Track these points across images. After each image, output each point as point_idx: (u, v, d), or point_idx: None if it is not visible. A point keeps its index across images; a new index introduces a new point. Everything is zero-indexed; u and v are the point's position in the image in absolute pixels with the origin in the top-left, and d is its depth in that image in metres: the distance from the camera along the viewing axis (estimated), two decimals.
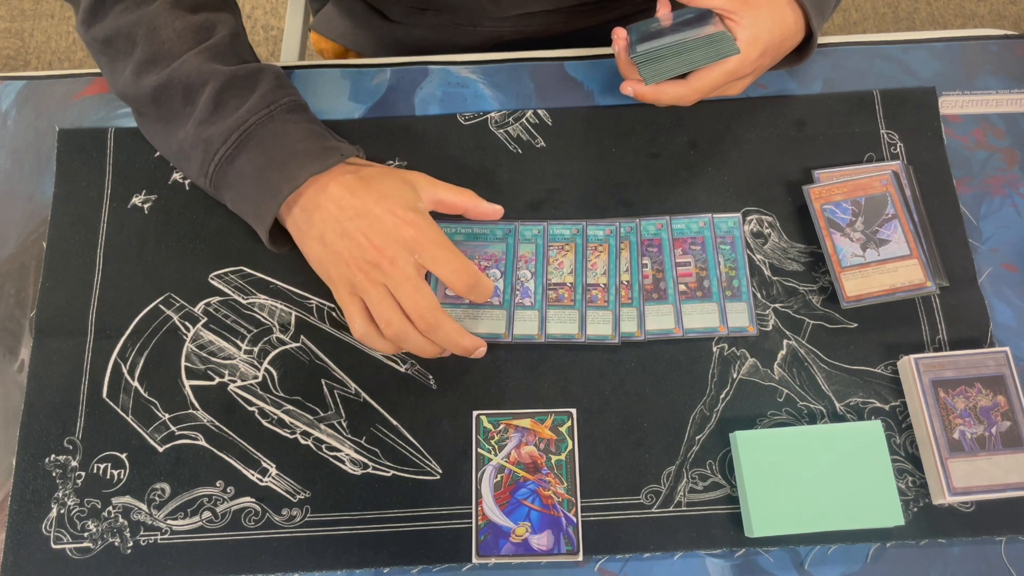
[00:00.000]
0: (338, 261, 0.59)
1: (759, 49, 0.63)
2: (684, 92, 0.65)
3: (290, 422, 0.61)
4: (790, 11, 0.64)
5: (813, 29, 0.65)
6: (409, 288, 0.57)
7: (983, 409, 0.58)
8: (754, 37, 0.63)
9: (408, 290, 0.57)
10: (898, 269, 0.63)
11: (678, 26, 0.65)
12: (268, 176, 0.59)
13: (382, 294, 0.58)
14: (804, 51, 0.67)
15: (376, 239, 0.58)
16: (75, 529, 0.58)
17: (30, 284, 0.66)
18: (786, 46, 0.66)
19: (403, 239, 0.58)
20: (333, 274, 0.59)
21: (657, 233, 0.66)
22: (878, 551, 0.57)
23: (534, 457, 0.59)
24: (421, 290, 0.57)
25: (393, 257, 0.57)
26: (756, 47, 0.63)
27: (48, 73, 0.73)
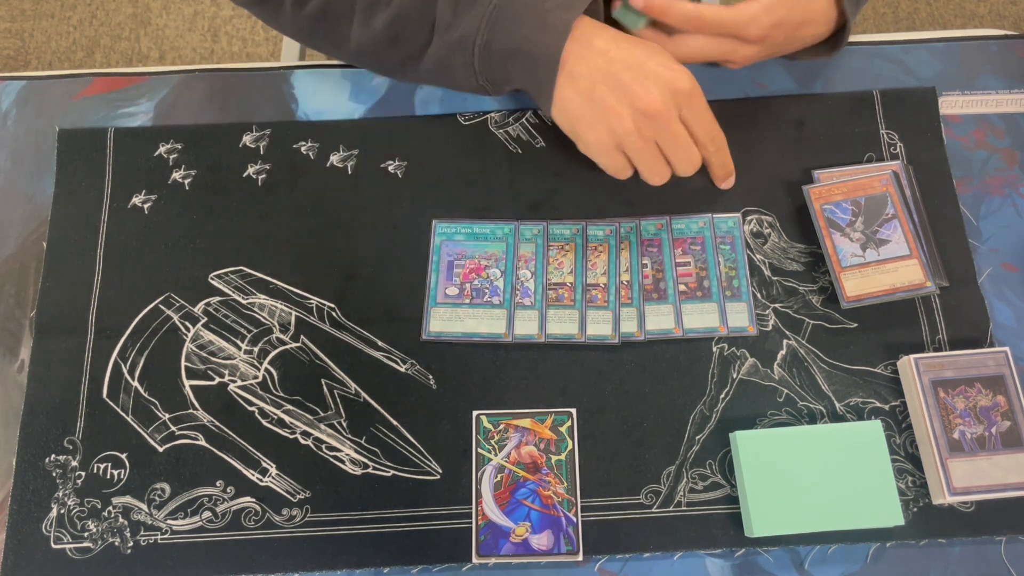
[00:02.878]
0: (608, 115, 0.58)
1: (773, 18, 0.61)
2: (693, 14, 0.62)
3: (290, 422, 0.61)
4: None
5: (847, 14, 0.64)
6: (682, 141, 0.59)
7: (983, 409, 0.58)
8: (772, 5, 0.61)
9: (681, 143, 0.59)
10: (898, 269, 0.63)
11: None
12: (534, 40, 0.58)
13: (653, 152, 0.59)
14: (836, 42, 0.66)
15: (654, 91, 0.57)
16: (75, 529, 0.58)
17: (30, 284, 0.66)
18: (805, 31, 0.64)
19: (678, 91, 0.58)
20: (600, 129, 0.59)
21: (657, 233, 0.66)
22: (878, 551, 0.57)
23: (534, 457, 0.59)
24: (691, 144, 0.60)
25: (669, 110, 0.58)
26: (771, 15, 0.61)
27: (48, 73, 0.73)
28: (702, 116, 0.60)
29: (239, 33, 1.73)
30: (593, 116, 0.59)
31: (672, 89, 0.58)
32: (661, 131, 0.59)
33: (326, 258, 0.66)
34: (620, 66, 0.58)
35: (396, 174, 0.69)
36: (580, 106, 0.59)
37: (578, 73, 0.59)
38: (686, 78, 0.58)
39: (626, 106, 0.58)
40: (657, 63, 0.58)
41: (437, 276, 0.65)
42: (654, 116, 0.58)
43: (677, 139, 0.59)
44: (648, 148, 0.59)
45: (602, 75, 0.58)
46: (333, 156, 0.69)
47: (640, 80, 0.58)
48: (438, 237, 0.66)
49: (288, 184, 0.68)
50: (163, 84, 0.72)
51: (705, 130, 0.61)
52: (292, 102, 0.72)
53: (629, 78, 0.58)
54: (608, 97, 0.58)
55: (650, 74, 0.58)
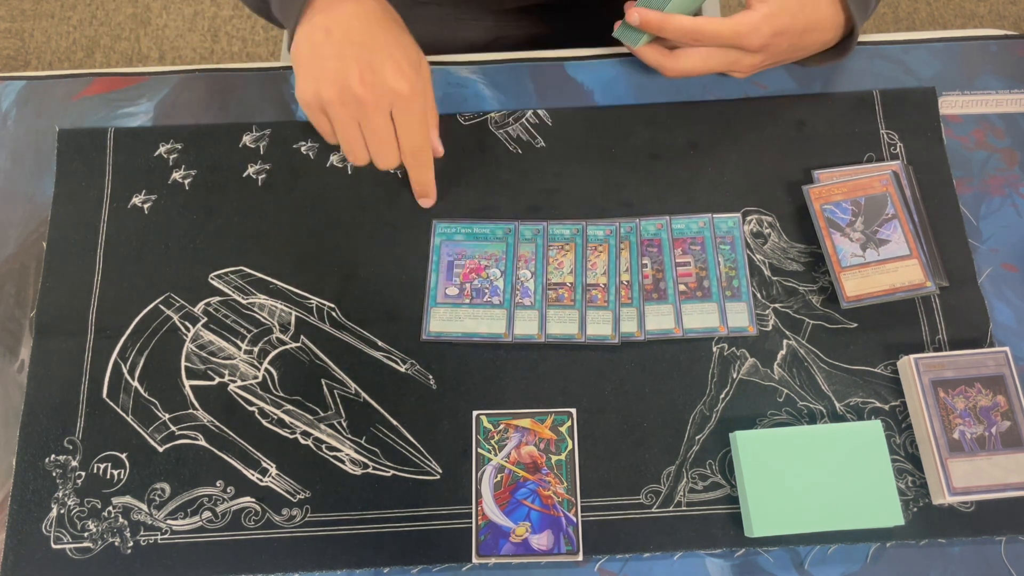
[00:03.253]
0: (322, 75, 0.59)
1: (775, 26, 0.61)
2: (690, 27, 0.61)
3: (290, 422, 0.61)
4: (827, 2, 0.62)
5: (855, 20, 0.63)
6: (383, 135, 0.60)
7: (983, 409, 0.58)
8: (772, 14, 0.61)
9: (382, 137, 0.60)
10: (898, 269, 0.63)
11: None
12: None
13: (354, 131, 0.60)
14: (844, 47, 0.66)
15: (369, 78, 0.58)
16: (75, 529, 0.58)
17: (30, 284, 0.66)
18: (811, 39, 0.64)
19: (393, 91, 0.58)
20: (309, 86, 0.59)
21: (657, 233, 0.66)
22: (878, 551, 0.57)
23: (534, 457, 0.59)
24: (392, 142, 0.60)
25: (377, 102, 0.58)
26: (772, 24, 0.61)
27: (48, 73, 0.73)
28: (409, 125, 0.60)
29: (239, 33, 1.73)
30: (309, 70, 0.59)
31: (388, 86, 0.58)
32: (365, 119, 0.59)
33: (326, 258, 0.66)
34: (356, 39, 0.59)
35: (396, 174, 0.69)
36: (305, 54, 0.60)
37: (318, 24, 0.59)
38: (406, 83, 0.58)
39: (339, 78, 0.58)
40: (389, 55, 0.59)
41: (437, 276, 0.65)
42: (360, 101, 0.58)
43: (376, 133, 0.60)
44: (348, 125, 0.60)
45: (335, 40, 0.59)
46: (333, 156, 0.69)
47: (364, 63, 0.58)
48: (438, 237, 0.66)
49: (288, 184, 0.68)
50: (163, 84, 0.72)
51: (408, 140, 0.61)
52: (292, 102, 0.72)
53: (354, 55, 0.58)
54: (329, 62, 0.59)
55: (374, 62, 0.58)
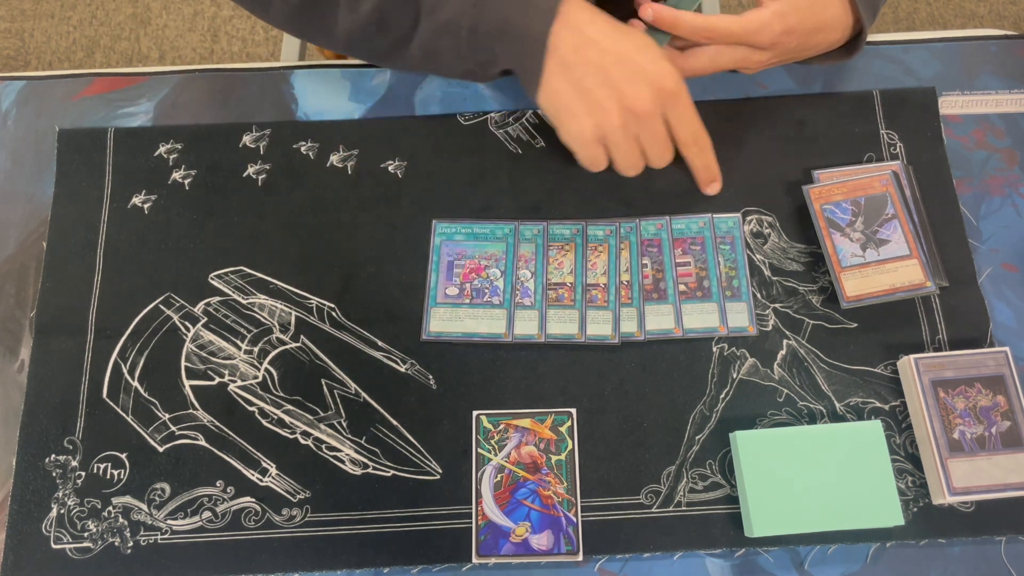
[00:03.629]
0: (596, 110, 0.59)
1: (784, 25, 0.61)
2: (703, 25, 0.61)
3: (290, 422, 0.61)
4: (836, 2, 0.62)
5: (864, 21, 0.63)
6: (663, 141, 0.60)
7: (983, 409, 0.58)
8: (784, 12, 0.61)
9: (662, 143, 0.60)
10: (898, 269, 0.63)
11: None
12: (519, 22, 0.58)
13: (634, 149, 0.60)
14: (852, 47, 0.66)
15: (643, 90, 0.58)
16: (75, 529, 0.58)
17: (30, 284, 0.66)
18: (819, 38, 0.64)
19: (665, 91, 0.58)
20: (586, 123, 0.59)
21: (657, 233, 0.66)
22: (878, 551, 0.57)
23: (534, 457, 0.59)
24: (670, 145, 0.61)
25: (654, 110, 0.58)
26: (782, 22, 0.61)
27: (48, 73, 0.73)
28: (686, 115, 0.60)
29: (239, 33, 1.73)
30: (580, 108, 0.59)
31: (660, 88, 0.58)
32: (645, 129, 0.59)
33: (326, 258, 0.66)
34: (611, 59, 0.58)
35: (396, 174, 0.69)
36: (568, 96, 0.59)
37: (569, 62, 0.58)
38: (674, 77, 0.58)
39: (615, 103, 0.58)
40: (647, 59, 0.58)
41: (437, 276, 0.65)
42: (641, 115, 0.58)
43: (658, 138, 0.60)
44: (629, 144, 0.60)
45: (593, 68, 0.58)
46: (333, 156, 0.69)
47: (630, 77, 0.58)
48: (438, 237, 0.66)
49: (288, 184, 0.68)
50: (163, 84, 0.72)
51: (689, 130, 0.61)
52: (292, 102, 0.72)
53: (619, 74, 0.58)
54: (597, 91, 0.58)
55: (639, 71, 0.58)
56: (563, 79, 0.59)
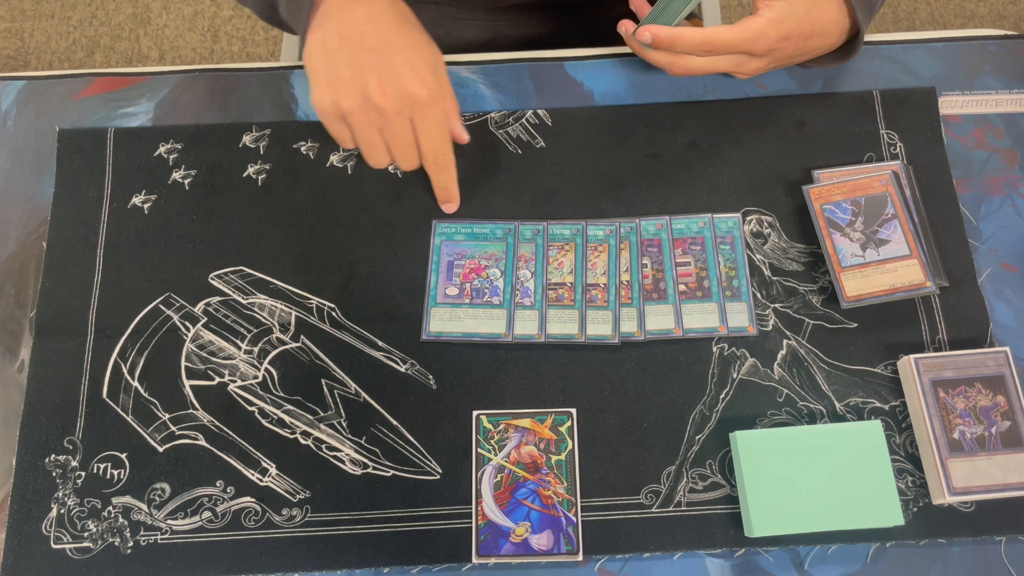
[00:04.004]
0: (339, 84, 0.59)
1: (782, 31, 0.61)
2: (702, 40, 0.61)
3: (290, 422, 0.61)
4: (833, 7, 0.62)
5: (860, 24, 0.63)
6: (404, 140, 0.60)
7: (983, 409, 0.58)
8: (779, 19, 0.61)
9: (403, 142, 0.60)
10: (898, 269, 0.63)
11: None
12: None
13: (375, 135, 0.60)
14: (849, 50, 0.66)
15: (388, 87, 0.58)
16: (75, 529, 0.58)
17: (30, 284, 0.66)
18: (816, 43, 0.64)
19: (412, 97, 0.58)
20: (326, 94, 0.59)
21: (657, 233, 0.66)
22: (878, 551, 0.57)
23: (534, 457, 0.59)
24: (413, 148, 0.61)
25: (398, 110, 0.58)
26: (779, 28, 0.61)
27: (48, 73, 0.73)
28: (429, 129, 0.60)
29: (239, 33, 1.74)
30: (326, 78, 0.59)
31: (406, 93, 0.58)
32: (386, 125, 0.59)
33: (326, 258, 0.66)
34: (370, 45, 0.58)
35: (396, 174, 0.69)
36: (320, 62, 0.59)
37: (331, 30, 0.59)
38: (426, 87, 0.58)
39: (356, 86, 0.58)
40: (405, 59, 0.58)
41: (437, 276, 0.65)
42: (380, 109, 0.58)
43: (397, 138, 0.60)
44: (368, 132, 0.60)
45: (349, 46, 0.58)
46: (333, 156, 0.69)
47: (380, 70, 0.58)
48: (438, 237, 0.66)
49: (288, 184, 0.68)
50: (163, 84, 0.72)
51: (429, 145, 0.61)
52: (292, 102, 0.72)
53: (371, 63, 0.58)
54: (344, 70, 0.58)
55: (391, 68, 0.58)
56: (319, 43, 0.59)
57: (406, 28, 0.60)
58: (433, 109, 0.59)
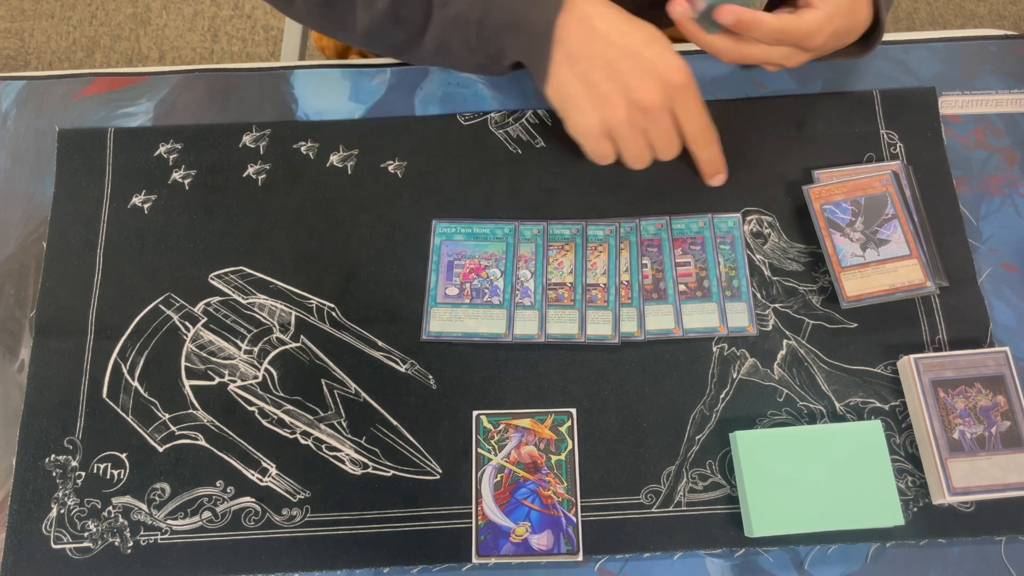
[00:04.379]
0: (603, 103, 0.59)
1: (832, 27, 0.60)
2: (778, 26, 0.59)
3: (290, 422, 0.61)
4: (864, 2, 0.62)
5: (881, 18, 0.63)
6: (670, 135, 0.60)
7: (983, 409, 0.58)
8: (832, 15, 0.60)
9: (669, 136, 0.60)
10: (898, 269, 0.63)
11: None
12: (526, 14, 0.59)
13: (641, 142, 0.60)
14: (868, 43, 0.65)
15: (650, 84, 0.58)
16: (75, 529, 0.58)
17: (30, 284, 0.66)
18: (850, 37, 0.63)
19: (672, 84, 0.58)
20: (592, 116, 0.59)
21: (657, 233, 0.66)
22: (878, 551, 0.57)
23: (534, 457, 0.59)
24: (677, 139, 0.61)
25: (663, 104, 0.58)
26: (831, 23, 0.60)
27: (48, 73, 0.73)
28: (694, 110, 0.60)
29: (239, 33, 1.74)
30: (587, 101, 0.59)
31: (668, 82, 0.58)
32: (652, 123, 0.59)
33: (326, 258, 0.66)
34: (619, 53, 0.58)
35: (396, 174, 0.69)
36: (575, 89, 0.59)
37: (576, 55, 0.59)
38: (682, 71, 0.58)
39: (621, 96, 0.58)
40: (654, 52, 0.58)
41: (437, 276, 0.65)
42: (648, 109, 0.58)
43: (665, 131, 0.60)
44: (636, 138, 0.60)
45: (600, 61, 0.58)
46: (333, 156, 0.69)
47: (637, 71, 0.58)
48: (438, 237, 0.66)
49: (288, 184, 0.68)
50: (163, 84, 0.72)
51: (696, 125, 0.61)
52: (292, 102, 0.72)
53: (627, 67, 0.58)
54: (604, 84, 0.58)
55: (647, 65, 0.58)
56: (570, 72, 0.59)
57: (634, 22, 0.60)
58: (692, 90, 0.59)
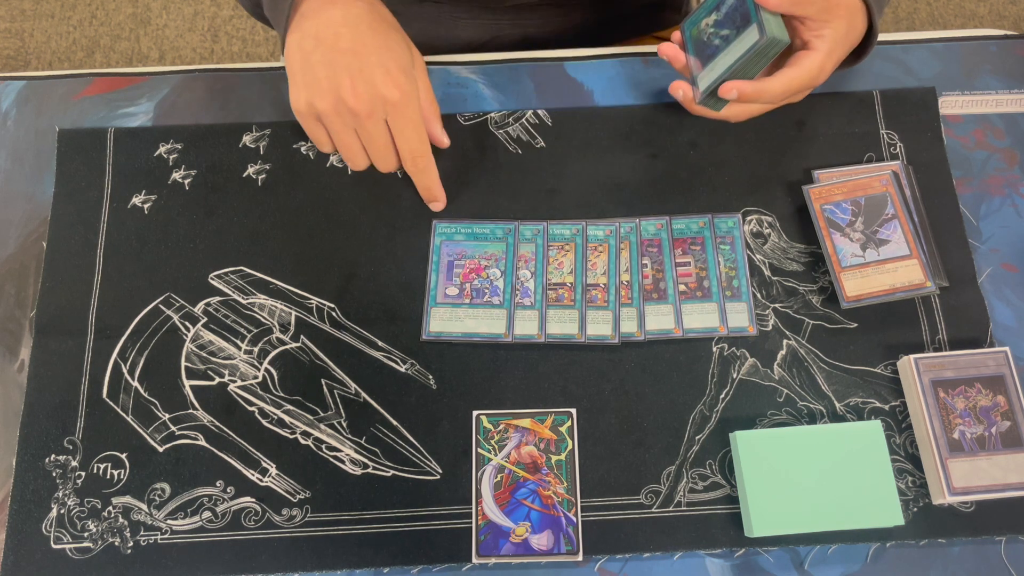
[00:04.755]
0: (314, 85, 0.59)
1: (834, 60, 0.61)
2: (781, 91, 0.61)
3: (290, 422, 0.61)
4: (860, 15, 0.62)
5: (875, 27, 0.63)
6: (380, 142, 0.60)
7: (983, 409, 0.58)
8: (829, 52, 0.61)
9: (379, 144, 0.61)
10: (898, 269, 0.63)
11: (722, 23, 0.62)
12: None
13: (351, 138, 0.61)
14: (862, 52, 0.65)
15: (360, 88, 0.58)
16: (75, 529, 0.58)
17: (30, 284, 0.66)
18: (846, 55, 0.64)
19: (384, 99, 0.59)
20: (302, 95, 0.60)
21: (657, 233, 0.66)
22: (878, 551, 0.57)
23: (534, 457, 0.59)
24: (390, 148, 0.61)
25: (371, 112, 0.59)
26: (832, 58, 0.61)
27: (48, 73, 0.73)
28: (404, 130, 0.61)
29: (239, 33, 1.74)
30: (302, 79, 0.60)
31: (378, 94, 0.58)
32: (361, 127, 0.60)
33: (326, 258, 0.66)
34: (345, 46, 0.59)
35: (396, 174, 0.69)
36: (296, 63, 0.60)
37: (308, 32, 0.60)
38: (400, 89, 0.59)
39: (331, 89, 0.59)
40: (379, 61, 0.59)
41: (437, 276, 0.65)
42: (354, 111, 0.59)
43: (373, 140, 0.61)
44: (344, 133, 0.61)
45: (325, 47, 0.59)
46: (333, 156, 0.69)
47: (354, 72, 0.58)
48: (438, 237, 0.66)
49: (288, 184, 0.68)
50: (163, 84, 0.72)
51: (406, 146, 0.62)
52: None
53: (344, 64, 0.58)
54: (319, 70, 0.59)
55: (365, 70, 0.58)
56: (297, 45, 0.60)
57: (382, 29, 0.61)
58: (407, 111, 0.60)
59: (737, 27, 0.60)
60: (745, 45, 0.59)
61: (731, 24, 0.61)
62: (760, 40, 0.58)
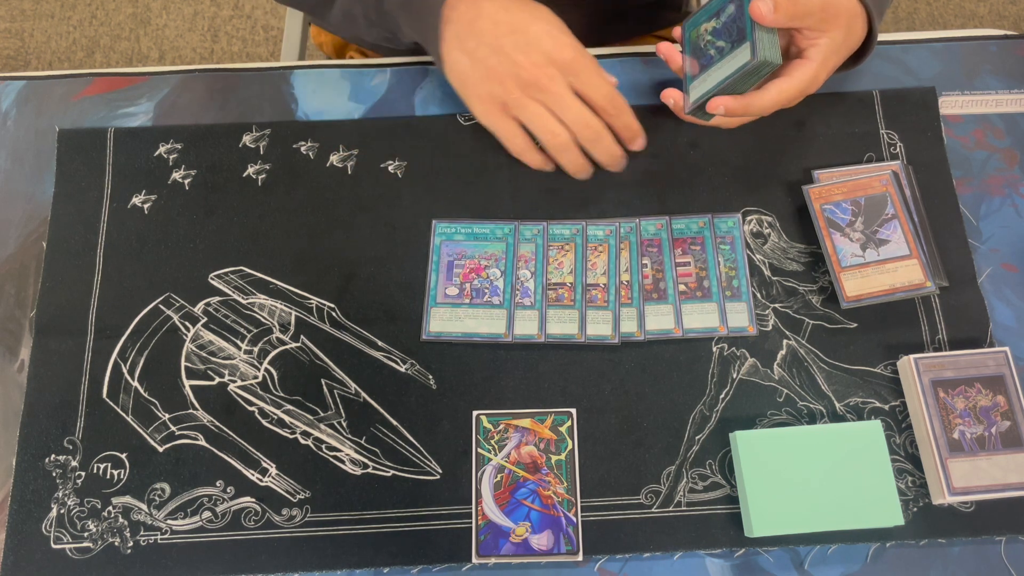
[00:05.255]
0: (489, 77, 0.59)
1: (828, 68, 0.62)
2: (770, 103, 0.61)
3: (290, 422, 0.61)
4: (860, 21, 0.62)
5: (875, 31, 0.63)
6: (571, 102, 0.60)
7: (983, 409, 0.58)
8: (826, 57, 0.61)
9: (570, 104, 0.60)
10: (898, 269, 0.63)
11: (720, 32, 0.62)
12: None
13: (541, 110, 0.60)
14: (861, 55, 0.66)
15: (536, 58, 0.58)
16: (75, 529, 0.58)
17: (30, 284, 0.66)
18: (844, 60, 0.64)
19: (560, 60, 0.59)
20: (482, 91, 0.60)
21: (657, 233, 0.66)
22: (878, 551, 0.57)
23: (534, 457, 0.59)
24: (582, 105, 0.60)
25: (552, 77, 0.59)
26: (826, 66, 0.61)
27: (48, 73, 0.73)
28: (590, 81, 0.61)
29: (239, 33, 1.73)
30: (475, 76, 0.60)
31: (553, 58, 0.59)
32: (547, 96, 0.60)
33: (326, 258, 0.66)
34: (504, 30, 0.59)
35: (396, 174, 0.69)
36: (465, 67, 0.61)
37: (463, 33, 0.60)
38: (569, 48, 0.59)
39: (508, 70, 0.59)
40: (540, 29, 0.59)
41: (437, 276, 0.65)
42: (534, 83, 0.59)
43: (565, 103, 0.60)
44: (538, 112, 0.61)
45: (487, 38, 0.59)
46: (333, 156, 0.69)
47: (522, 47, 0.59)
48: (438, 237, 0.66)
49: (288, 184, 0.68)
50: (163, 84, 0.72)
51: (599, 94, 0.61)
52: (292, 102, 0.72)
53: (511, 44, 0.59)
54: (490, 59, 0.59)
55: (532, 41, 0.59)
56: (459, 50, 0.60)
57: (529, 5, 0.61)
58: (585, 62, 0.60)
59: (732, 41, 0.60)
60: (737, 63, 0.59)
61: (727, 36, 0.61)
62: (751, 61, 0.58)
